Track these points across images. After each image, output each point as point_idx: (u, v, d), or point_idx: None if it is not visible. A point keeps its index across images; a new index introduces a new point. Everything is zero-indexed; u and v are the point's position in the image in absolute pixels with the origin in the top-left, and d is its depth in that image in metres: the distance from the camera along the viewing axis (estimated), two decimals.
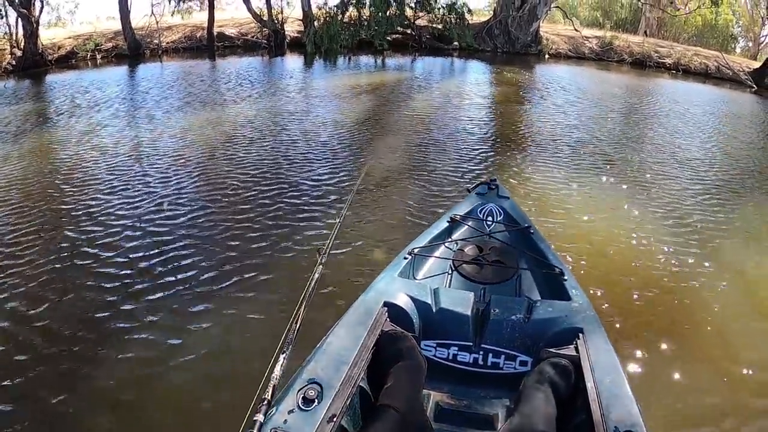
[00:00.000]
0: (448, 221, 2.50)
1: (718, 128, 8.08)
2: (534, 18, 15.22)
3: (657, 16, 18.69)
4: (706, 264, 3.46)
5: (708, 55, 17.62)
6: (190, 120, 7.16)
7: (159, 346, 2.60)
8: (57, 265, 3.31)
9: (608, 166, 5.39)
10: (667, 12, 18.06)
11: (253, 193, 4.46)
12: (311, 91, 9.39)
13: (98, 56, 16.47)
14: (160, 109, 7.89)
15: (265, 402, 1.22)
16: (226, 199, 4.32)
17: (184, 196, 4.46)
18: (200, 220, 3.94)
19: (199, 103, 8.27)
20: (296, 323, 1.47)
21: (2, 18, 17.06)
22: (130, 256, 3.43)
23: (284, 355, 1.35)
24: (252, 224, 3.84)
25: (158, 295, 3.00)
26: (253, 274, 3.19)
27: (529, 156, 5.64)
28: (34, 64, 16.41)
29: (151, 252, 3.46)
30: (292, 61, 13.64)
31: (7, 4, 16.34)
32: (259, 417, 1.16)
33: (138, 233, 3.75)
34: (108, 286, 3.10)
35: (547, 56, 15.41)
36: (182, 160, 5.41)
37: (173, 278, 3.17)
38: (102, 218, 4.01)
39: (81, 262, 3.34)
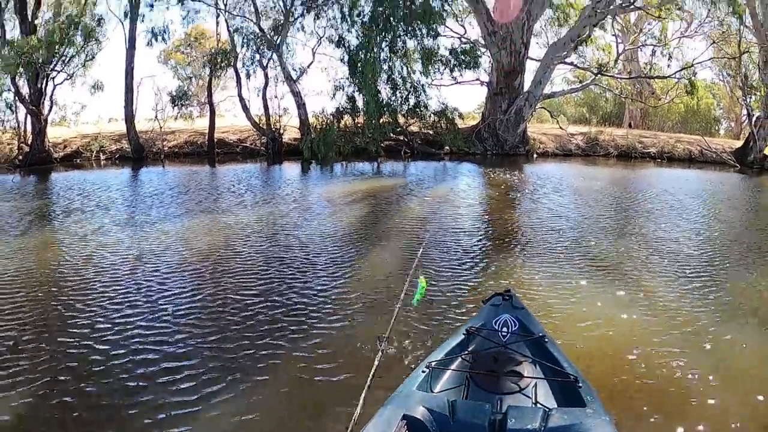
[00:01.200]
0: (464, 333, 2.57)
1: (706, 213, 8.33)
2: (521, 119, 15.91)
3: (640, 107, 19.49)
4: (716, 363, 3.41)
5: (691, 141, 18.32)
6: (191, 226, 7.20)
7: None
8: (54, 375, 3.23)
9: (605, 266, 5.33)
10: (648, 104, 18.86)
11: (258, 305, 4.32)
12: (310, 198, 9.54)
13: (102, 157, 17.02)
14: (162, 215, 7.97)
15: None
16: (232, 311, 4.19)
17: (190, 304, 4.37)
18: (206, 330, 3.84)
19: (200, 211, 8.33)
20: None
21: (12, 113, 17.78)
22: (138, 370, 3.29)
23: None
24: (259, 340, 3.71)
25: (183, 410, 2.85)
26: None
27: (524, 260, 5.61)
28: (40, 160, 16.95)
29: (165, 364, 3.34)
30: (290, 169, 14.09)
31: (17, 100, 17.08)
32: None
33: (142, 342, 3.65)
34: (111, 401, 2.96)
35: (535, 156, 16.01)
36: (186, 268, 5.29)
37: (197, 391, 3.02)
38: (102, 326, 3.94)
39: (78, 373, 3.27)
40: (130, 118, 16.67)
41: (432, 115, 15.39)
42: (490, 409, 1.91)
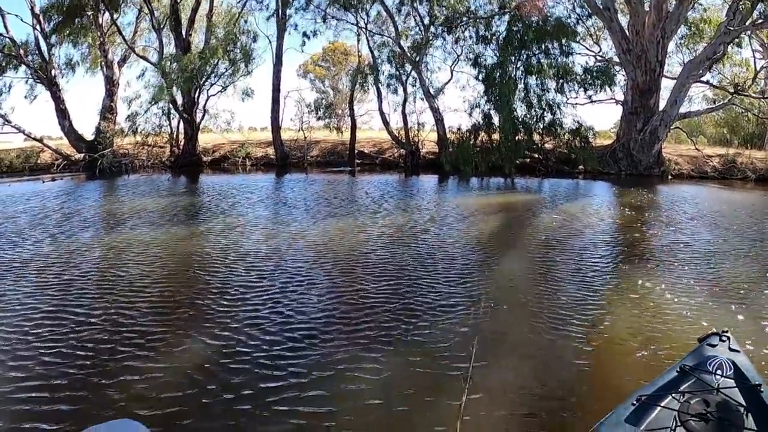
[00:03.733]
0: (677, 371, 2.54)
1: None
2: (656, 140, 15.76)
3: None
4: None
5: None
6: (331, 229, 7.74)
7: None
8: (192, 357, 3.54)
9: (753, 305, 4.69)
10: None
11: (383, 304, 4.56)
12: (446, 209, 9.87)
13: (248, 163, 18.72)
14: (305, 217, 8.63)
15: None
16: (357, 311, 4.40)
17: (320, 296, 4.68)
18: (327, 332, 4.00)
19: (342, 215, 8.91)
20: None
21: (168, 120, 19.91)
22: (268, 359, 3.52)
23: None
24: (381, 339, 3.86)
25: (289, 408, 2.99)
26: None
27: (665, 297, 4.95)
28: (190, 162, 18.94)
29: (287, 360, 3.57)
30: (428, 181, 14.73)
31: (172, 109, 19.14)
32: None
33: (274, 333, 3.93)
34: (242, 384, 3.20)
35: (670, 177, 15.80)
36: (320, 266, 5.70)
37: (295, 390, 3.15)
38: (237, 314, 4.29)
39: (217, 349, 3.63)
40: (276, 128, 18.27)
41: (567, 133, 15.63)
42: None
